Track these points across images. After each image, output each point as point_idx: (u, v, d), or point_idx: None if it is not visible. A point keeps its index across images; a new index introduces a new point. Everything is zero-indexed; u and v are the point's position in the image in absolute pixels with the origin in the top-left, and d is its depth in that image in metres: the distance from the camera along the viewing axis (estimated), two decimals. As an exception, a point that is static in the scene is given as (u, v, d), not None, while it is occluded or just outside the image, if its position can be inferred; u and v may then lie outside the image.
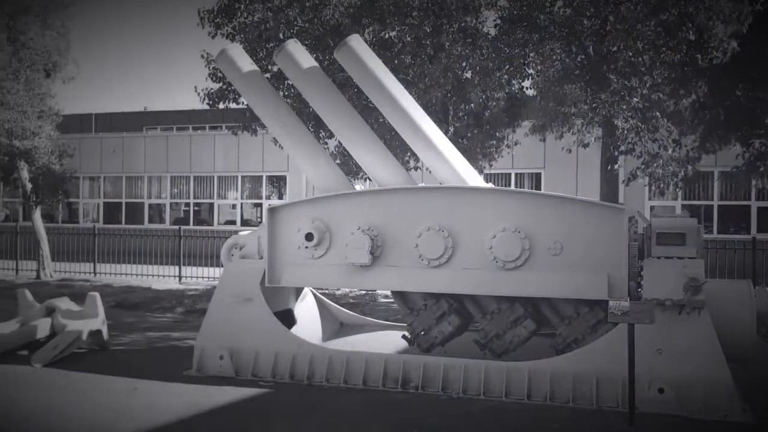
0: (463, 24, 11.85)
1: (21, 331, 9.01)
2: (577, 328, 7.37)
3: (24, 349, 8.87)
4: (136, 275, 18.43)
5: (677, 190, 16.53)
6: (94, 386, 7.48)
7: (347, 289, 14.30)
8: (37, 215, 18.79)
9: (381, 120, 11.69)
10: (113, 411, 6.59)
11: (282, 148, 13.70)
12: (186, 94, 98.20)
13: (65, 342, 8.69)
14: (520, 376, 6.98)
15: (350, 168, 12.78)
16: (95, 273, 18.96)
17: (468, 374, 7.14)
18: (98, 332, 9.25)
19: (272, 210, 8.20)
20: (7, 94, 15.11)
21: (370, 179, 9.19)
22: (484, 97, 12.47)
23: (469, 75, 12.27)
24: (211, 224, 28.12)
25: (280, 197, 27.90)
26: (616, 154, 12.41)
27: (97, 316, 9.25)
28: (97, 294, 9.42)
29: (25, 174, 18.17)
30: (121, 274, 18.70)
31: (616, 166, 12.95)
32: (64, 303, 9.42)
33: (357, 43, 8.05)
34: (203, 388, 7.38)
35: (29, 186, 18.37)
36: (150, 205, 29.40)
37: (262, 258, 8.21)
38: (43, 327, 9.08)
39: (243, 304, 8.04)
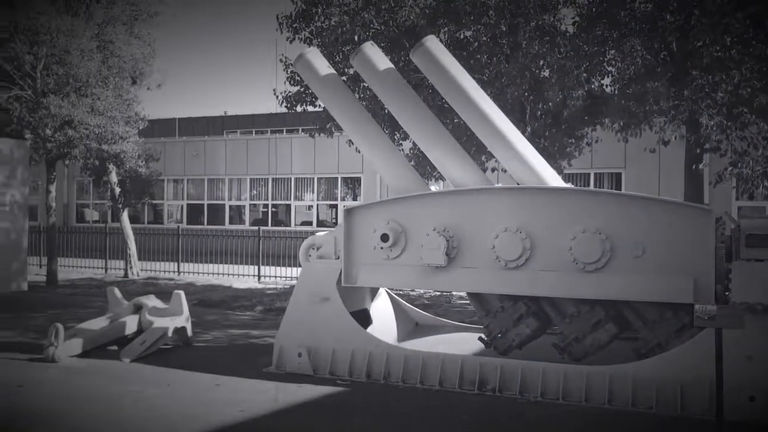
0: (540, 22, 11.68)
1: (111, 328, 9.43)
2: (661, 332, 7.14)
3: (114, 345, 9.29)
4: (218, 274, 19.00)
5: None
6: (180, 381, 7.76)
7: (422, 290, 14.31)
8: (124, 217, 19.63)
9: (456, 120, 11.66)
10: (199, 405, 6.82)
11: (357, 149, 13.88)
12: (265, 98, 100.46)
13: (152, 338, 9.04)
14: (601, 381, 6.82)
15: (425, 169, 12.78)
16: (179, 272, 19.65)
17: (546, 378, 7.03)
18: (183, 329, 9.59)
19: (348, 211, 8.29)
20: (96, 100, 15.83)
21: (445, 180, 9.18)
22: (561, 95, 12.25)
23: (546, 73, 12.08)
24: (288, 225, 28.69)
25: (355, 198, 28.18)
26: (698, 152, 11.93)
27: (182, 313, 9.58)
28: (182, 292, 9.76)
29: (113, 177, 19.03)
30: (203, 273, 19.32)
31: (700, 166, 12.46)
32: (151, 300, 9.80)
33: (433, 43, 8.05)
34: (282, 384, 7.55)
35: (117, 189, 19.24)
36: (230, 207, 30.25)
37: (338, 258, 8.31)
38: (131, 323, 9.47)
39: (320, 304, 8.17)
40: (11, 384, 7.50)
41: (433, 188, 8.79)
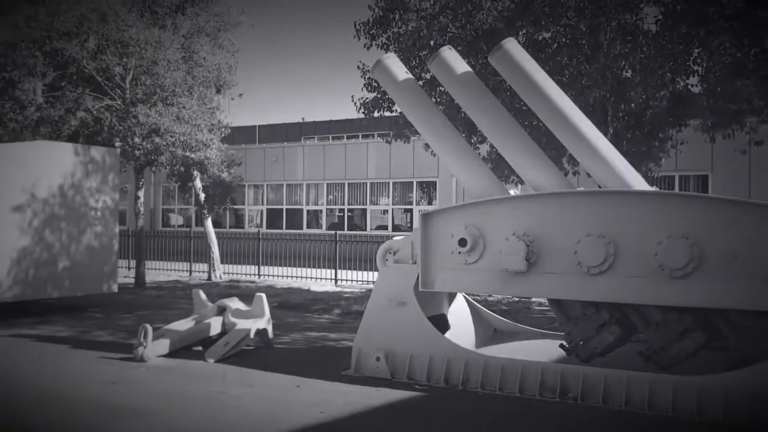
0: (622, 22, 11.37)
1: (196, 329, 9.75)
2: (755, 341, 6.81)
3: (199, 345, 9.59)
4: (296, 277, 19.35)
5: None
6: (262, 382, 7.94)
7: (500, 296, 14.14)
8: (208, 221, 20.29)
9: (535, 123, 11.49)
10: (281, 406, 6.95)
11: (434, 154, 13.87)
12: (341, 104, 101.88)
13: (235, 339, 9.29)
14: (690, 392, 6.55)
15: (503, 173, 12.64)
16: (259, 275, 20.13)
17: (631, 387, 6.81)
18: (264, 331, 9.81)
19: (426, 216, 8.29)
20: (182, 109, 16.41)
21: (524, 184, 9.05)
22: (644, 96, 11.88)
23: (628, 74, 11.75)
24: (364, 229, 28.94)
25: (430, 203, 28.16)
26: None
27: (264, 315, 9.81)
28: (263, 295, 9.99)
29: (198, 183, 19.71)
30: (282, 276, 19.72)
31: (796, 167, 11.84)
32: (234, 303, 10.08)
33: (512, 46, 7.96)
34: (361, 388, 7.61)
35: (202, 194, 19.90)
36: (308, 211, 30.77)
37: (415, 263, 8.31)
38: (215, 325, 9.77)
39: (398, 308, 8.19)
40: (105, 381, 7.85)
41: (512, 192, 8.68)
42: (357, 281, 18.44)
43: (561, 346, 7.93)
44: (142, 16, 16.47)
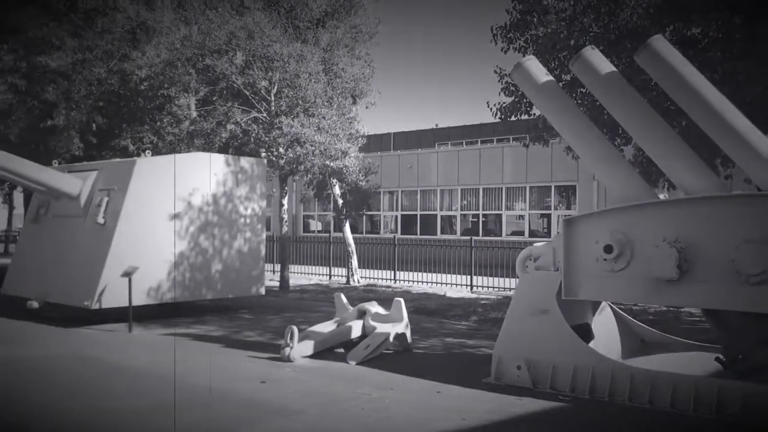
0: (783, 11, 10.49)
1: (338, 331, 10.05)
2: None
3: (341, 348, 9.89)
4: (432, 283, 19.45)
5: None
6: (402, 385, 8.04)
7: (648, 305, 13.48)
8: (346, 227, 20.87)
9: (685, 123, 10.86)
10: (422, 410, 7.02)
11: (574, 157, 13.46)
12: (474, 109, 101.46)
13: (375, 343, 9.48)
14: None
15: (650, 176, 12.05)
16: (395, 279, 20.42)
17: (800, 407, 6.27)
18: (403, 335, 9.94)
19: (569, 221, 8.07)
20: (322, 119, 17.00)
21: (674, 188, 8.58)
22: (811, 91, 10.88)
23: (792, 67, 10.81)
24: (499, 235, 28.59)
25: (568, 208, 27.36)
26: None
27: (402, 320, 9.95)
28: (401, 300, 10.13)
29: (336, 190, 20.32)
30: (417, 281, 19.90)
31: None
32: (374, 307, 10.30)
33: (660, 43, 7.58)
34: (502, 396, 7.51)
35: (340, 201, 20.50)
36: (442, 217, 30.86)
37: (557, 270, 8.10)
38: (356, 328, 10.03)
39: (539, 316, 8.02)
40: (255, 379, 8.27)
41: (662, 196, 8.26)
42: (493, 288, 18.25)
43: (717, 359, 7.44)
44: (285, 31, 17.23)
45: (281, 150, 17.03)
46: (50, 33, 19.19)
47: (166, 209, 13.08)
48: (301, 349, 9.38)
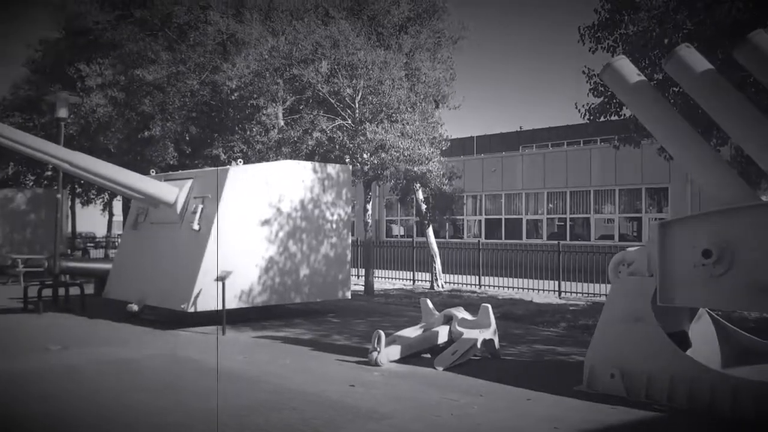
0: None
1: (424, 336, 10.06)
2: None
3: (427, 353, 9.89)
4: (518, 288, 19.17)
5: None
6: (491, 392, 7.97)
7: (748, 312, 12.83)
8: (430, 232, 20.88)
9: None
10: (512, 418, 6.94)
11: (667, 158, 12.99)
12: (558, 111, 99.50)
13: (463, 348, 9.43)
14: None
15: (749, 177, 11.48)
16: (480, 285, 20.25)
17: None
18: (490, 341, 9.85)
19: (664, 225, 7.79)
20: (406, 125, 17.09)
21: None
22: None
23: None
24: (587, 239, 27.90)
25: (660, 211, 26.43)
26: None
27: (490, 326, 9.86)
28: (489, 306, 10.05)
29: (419, 195, 20.36)
30: (503, 286, 19.66)
31: None
32: (461, 312, 10.26)
33: (762, 37, 7.24)
34: (596, 405, 7.33)
35: (423, 206, 20.52)
36: (527, 221, 30.39)
37: (652, 275, 7.84)
38: (443, 333, 10.02)
39: (633, 323, 7.78)
40: (343, 383, 8.38)
41: (764, 198, 7.86)
42: (582, 293, 17.82)
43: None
44: (369, 38, 17.43)
45: (365, 156, 17.22)
46: (146, 48, 20.15)
47: (257, 215, 13.47)
48: (388, 353, 9.45)
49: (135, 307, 13.28)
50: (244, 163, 14.82)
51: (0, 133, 12.29)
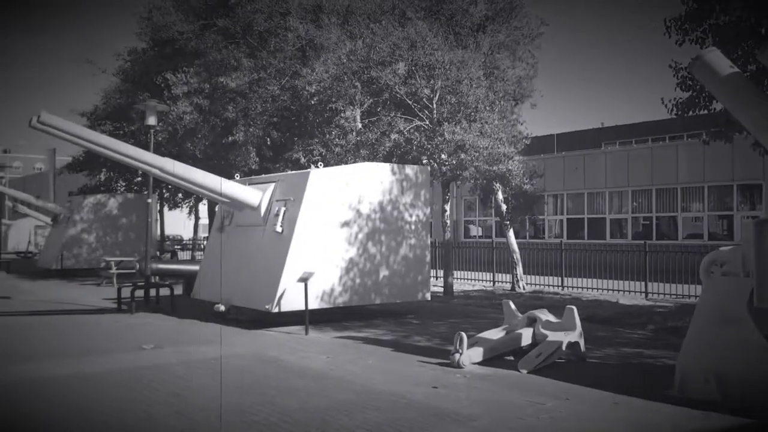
0: None
1: (507, 339, 9.95)
2: None
3: (510, 355, 9.77)
4: (602, 289, 18.67)
5: None
6: (577, 395, 7.80)
7: None
8: (510, 232, 20.62)
9: None
10: (600, 422, 6.78)
11: (762, 153, 12.40)
12: (641, 106, 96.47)
13: (548, 351, 9.27)
14: None
15: None
16: (562, 286, 19.83)
17: None
18: (576, 344, 9.64)
19: (760, 223, 7.42)
20: (485, 124, 16.93)
21: None
22: None
23: None
24: (674, 238, 26.89)
25: (753, 208, 25.20)
26: None
27: (575, 328, 9.65)
28: (574, 308, 9.83)
29: (500, 195, 20.14)
30: (586, 288, 19.18)
31: None
32: (544, 314, 10.08)
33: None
34: (687, 411, 7.06)
35: (503, 206, 20.28)
36: (611, 220, 29.55)
37: (747, 276, 7.49)
38: (526, 335, 9.88)
39: (728, 326, 7.46)
40: (426, 384, 8.38)
41: None
42: (669, 294, 17.19)
43: None
44: (446, 39, 17.38)
45: (444, 157, 17.16)
46: (229, 55, 20.73)
47: (337, 217, 13.66)
48: (470, 355, 9.38)
49: (222, 308, 13.71)
50: (324, 166, 15.04)
51: (96, 142, 12.94)
